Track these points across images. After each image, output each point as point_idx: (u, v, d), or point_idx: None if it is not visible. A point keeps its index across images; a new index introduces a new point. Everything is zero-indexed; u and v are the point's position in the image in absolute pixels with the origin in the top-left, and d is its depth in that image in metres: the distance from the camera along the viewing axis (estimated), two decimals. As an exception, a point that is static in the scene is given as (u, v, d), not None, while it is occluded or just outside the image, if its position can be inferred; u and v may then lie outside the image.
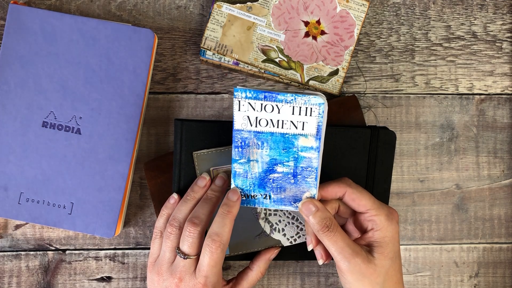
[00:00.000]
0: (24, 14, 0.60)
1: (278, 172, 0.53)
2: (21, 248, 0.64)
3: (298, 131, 0.51)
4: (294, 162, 0.52)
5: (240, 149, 0.52)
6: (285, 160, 0.52)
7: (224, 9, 0.62)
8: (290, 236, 0.58)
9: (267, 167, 0.53)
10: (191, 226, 0.52)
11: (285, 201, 0.53)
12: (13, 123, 0.60)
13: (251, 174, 0.53)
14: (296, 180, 0.53)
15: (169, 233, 0.54)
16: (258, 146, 0.52)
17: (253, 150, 0.52)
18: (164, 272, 0.53)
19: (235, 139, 0.52)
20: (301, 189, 0.53)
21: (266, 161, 0.52)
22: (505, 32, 0.67)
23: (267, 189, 0.53)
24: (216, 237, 0.52)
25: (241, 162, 0.53)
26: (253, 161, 0.53)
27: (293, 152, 0.52)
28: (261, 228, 0.58)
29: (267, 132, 0.52)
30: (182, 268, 0.52)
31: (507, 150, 0.67)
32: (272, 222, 0.58)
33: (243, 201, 0.54)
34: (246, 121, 0.51)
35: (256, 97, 0.50)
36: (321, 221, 0.52)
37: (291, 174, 0.52)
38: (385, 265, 0.52)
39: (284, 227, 0.58)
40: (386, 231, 0.53)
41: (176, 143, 0.57)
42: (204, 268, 0.52)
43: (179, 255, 0.53)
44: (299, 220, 0.58)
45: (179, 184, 0.58)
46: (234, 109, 0.51)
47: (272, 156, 0.52)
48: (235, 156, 0.53)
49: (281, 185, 0.53)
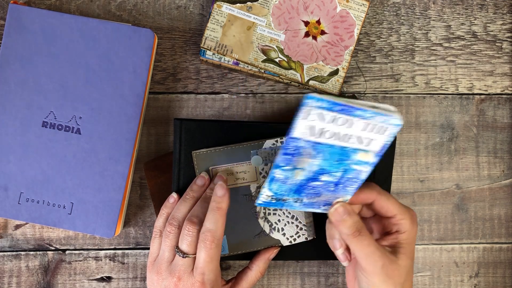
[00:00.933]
0: (24, 14, 0.60)
1: (321, 180, 0.48)
2: (21, 248, 0.64)
3: (361, 146, 0.47)
4: (343, 173, 0.48)
5: (290, 156, 0.46)
6: (334, 170, 0.48)
7: (224, 9, 0.62)
8: (289, 235, 0.58)
9: (312, 176, 0.48)
10: (189, 225, 0.53)
11: (315, 205, 0.52)
12: (13, 123, 0.60)
13: (291, 180, 0.48)
14: (336, 188, 0.50)
15: (168, 232, 0.54)
16: (310, 155, 0.46)
17: (303, 159, 0.46)
18: (163, 271, 0.54)
19: (287, 146, 0.45)
20: (336, 195, 0.51)
21: (313, 170, 0.47)
22: (505, 32, 0.67)
23: (302, 195, 0.50)
24: (208, 233, 0.52)
25: (285, 169, 0.47)
26: (299, 169, 0.47)
27: (345, 164, 0.47)
28: (260, 228, 0.58)
29: (327, 144, 0.45)
30: (181, 267, 0.53)
31: (507, 150, 0.67)
32: (271, 222, 0.58)
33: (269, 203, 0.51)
34: (308, 130, 0.44)
35: (331, 109, 0.43)
36: (353, 226, 0.51)
37: (334, 183, 0.49)
38: (407, 266, 0.53)
39: (283, 226, 0.58)
40: (410, 234, 0.54)
41: (176, 143, 0.57)
42: (201, 265, 0.52)
43: (178, 254, 0.53)
44: (298, 220, 0.58)
45: (179, 184, 0.58)
46: (299, 117, 0.43)
47: (322, 166, 0.47)
48: (280, 163, 0.46)
49: (319, 191, 0.50)
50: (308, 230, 0.58)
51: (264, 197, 0.50)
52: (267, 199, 0.50)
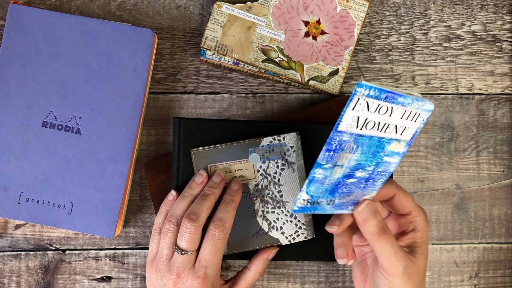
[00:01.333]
0: (24, 14, 0.60)
1: (356, 177, 0.47)
2: (21, 248, 0.64)
3: (396, 136, 0.46)
4: (375, 166, 0.47)
5: (332, 153, 0.44)
6: (368, 164, 0.47)
7: (224, 9, 0.62)
8: (288, 234, 0.58)
9: (348, 172, 0.46)
10: (188, 221, 0.53)
11: (344, 205, 0.50)
12: (13, 123, 0.60)
13: (329, 180, 0.46)
14: (366, 185, 0.48)
15: (166, 229, 0.54)
16: (351, 150, 0.45)
17: (344, 155, 0.45)
18: (162, 269, 0.54)
19: (331, 142, 0.44)
20: (364, 192, 0.49)
21: (351, 166, 0.46)
22: (505, 32, 0.67)
23: (336, 195, 0.48)
24: (219, 222, 0.53)
25: (326, 168, 0.45)
26: (339, 166, 0.46)
27: (379, 156, 0.46)
28: (259, 226, 0.58)
29: (367, 136, 0.45)
30: (180, 264, 0.53)
31: (507, 150, 0.67)
32: (270, 220, 0.58)
33: (305, 208, 0.48)
34: (354, 122, 0.43)
35: (378, 97, 0.42)
36: (378, 225, 0.50)
37: (365, 178, 0.48)
38: (424, 265, 0.53)
39: (282, 225, 0.58)
40: (424, 232, 0.54)
41: (175, 141, 0.58)
42: (206, 257, 0.52)
43: (176, 251, 0.53)
44: (297, 218, 0.58)
45: (178, 181, 0.58)
46: (349, 106, 0.42)
47: (359, 161, 0.46)
48: (321, 161, 0.44)
49: (351, 189, 0.48)
50: (308, 229, 0.58)
51: (300, 202, 0.47)
52: (303, 204, 0.47)
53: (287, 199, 0.58)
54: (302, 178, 0.58)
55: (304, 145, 0.59)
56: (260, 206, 0.58)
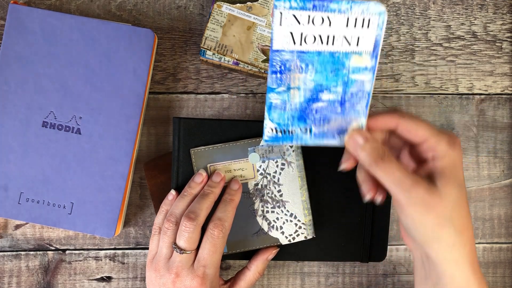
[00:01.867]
0: (24, 14, 0.60)
1: (323, 100, 0.45)
2: (21, 248, 0.64)
3: (351, 48, 0.43)
4: (343, 87, 0.44)
5: (279, 74, 0.44)
6: (332, 85, 0.44)
7: (224, 9, 0.62)
8: (288, 234, 0.58)
9: (310, 95, 0.45)
10: (187, 221, 0.53)
11: (328, 134, 0.46)
12: (13, 123, 0.60)
13: (290, 105, 0.45)
14: (343, 109, 0.45)
15: (166, 228, 0.54)
16: (301, 69, 0.44)
17: (294, 75, 0.44)
18: (161, 268, 0.54)
19: (273, 63, 0.43)
20: (347, 119, 0.46)
21: (310, 88, 0.44)
22: (505, 32, 0.67)
23: (308, 122, 0.46)
24: (218, 221, 0.53)
25: (279, 91, 0.44)
26: (294, 88, 0.45)
27: (342, 75, 0.44)
28: (258, 226, 0.58)
29: (313, 52, 0.43)
30: (179, 263, 0.53)
31: (507, 150, 0.67)
32: (270, 220, 0.58)
33: (276, 138, 0.46)
34: (288, 38, 0.42)
35: (303, 7, 0.41)
36: (372, 152, 0.45)
37: (338, 101, 0.45)
38: (452, 194, 0.45)
39: (282, 224, 0.58)
40: (449, 158, 0.46)
41: (174, 141, 0.58)
42: (205, 256, 0.52)
43: (175, 250, 0.53)
44: (297, 218, 0.58)
45: (178, 181, 0.58)
46: (274, 23, 0.42)
47: (318, 82, 0.44)
48: (271, 84, 0.44)
49: (326, 115, 0.45)
50: (308, 228, 0.58)
51: (268, 130, 0.46)
52: (272, 133, 0.46)
53: (287, 198, 0.58)
54: (302, 178, 0.58)
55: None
56: (260, 205, 0.58)
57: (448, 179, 0.45)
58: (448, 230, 0.45)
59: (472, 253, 0.46)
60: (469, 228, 0.46)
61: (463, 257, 0.45)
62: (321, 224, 0.60)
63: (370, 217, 0.61)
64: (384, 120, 0.47)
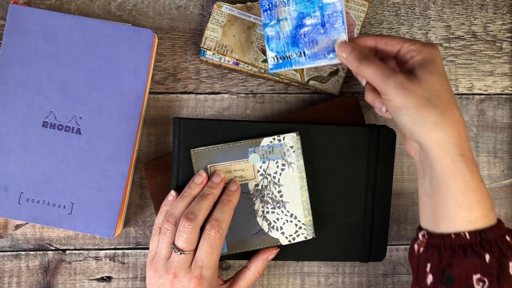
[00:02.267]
0: (24, 14, 0.60)
1: (307, 25, 0.55)
2: (21, 248, 0.64)
3: None
4: (320, 11, 0.54)
5: (269, 11, 0.56)
6: (311, 11, 0.55)
7: (224, 9, 0.62)
8: (288, 234, 0.58)
9: (297, 23, 0.55)
10: (185, 221, 0.53)
11: (320, 54, 0.55)
12: (13, 123, 0.60)
13: (283, 34, 0.56)
14: (325, 29, 0.54)
15: (165, 229, 0.54)
16: (284, 3, 0.55)
17: (280, 9, 0.55)
18: (160, 269, 0.54)
19: (263, 3, 0.56)
20: (331, 37, 0.54)
21: (295, 17, 0.55)
22: (505, 32, 0.67)
23: (300, 46, 0.55)
24: (215, 222, 0.53)
25: (272, 25, 0.56)
26: (283, 20, 0.55)
27: (317, 2, 0.54)
28: (259, 226, 0.58)
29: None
30: (177, 264, 0.53)
31: (507, 150, 0.67)
32: (270, 220, 0.58)
33: (279, 64, 0.56)
34: None
35: None
36: (358, 55, 0.51)
37: (320, 24, 0.54)
38: (430, 79, 0.49)
39: (282, 225, 0.58)
40: (425, 53, 0.51)
41: (174, 141, 0.58)
42: (202, 257, 0.53)
43: (174, 250, 0.53)
44: (297, 219, 0.58)
45: (177, 182, 0.58)
46: None
47: (299, 10, 0.55)
48: (265, 20, 0.56)
49: (313, 37, 0.55)
50: (308, 229, 0.58)
51: (271, 60, 0.57)
52: (275, 61, 0.56)
53: (287, 199, 0.58)
54: (302, 178, 0.58)
55: (304, 145, 0.59)
56: (260, 206, 0.58)
57: (426, 68, 0.49)
58: (430, 110, 0.48)
59: (459, 136, 0.48)
60: (453, 112, 0.48)
61: (448, 135, 0.48)
62: (321, 224, 0.60)
63: (370, 217, 0.61)
64: (363, 40, 0.54)
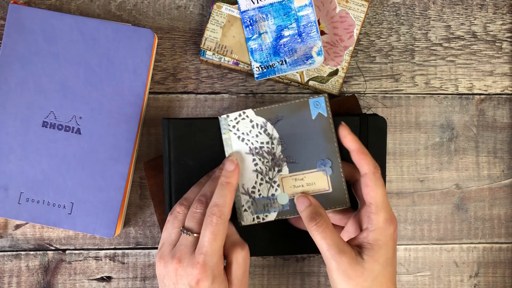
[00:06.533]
0: (24, 14, 0.60)
1: (286, 36, 0.60)
2: (21, 248, 0.64)
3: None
4: (296, 22, 0.60)
5: (251, 27, 0.61)
6: (288, 23, 0.60)
7: (223, 10, 0.62)
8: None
9: (276, 35, 0.60)
10: (197, 203, 0.52)
11: (299, 61, 0.60)
12: (13, 123, 0.60)
13: (265, 45, 0.61)
14: (302, 38, 0.60)
15: (177, 212, 0.53)
16: (263, 19, 0.60)
17: (260, 24, 0.60)
18: (166, 255, 0.51)
19: (244, 20, 0.61)
20: (308, 45, 0.60)
21: (274, 30, 0.60)
22: (505, 32, 0.67)
23: (281, 55, 0.61)
24: (215, 208, 0.51)
25: (254, 38, 0.61)
26: (264, 33, 0.61)
27: (292, 15, 0.60)
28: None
29: (268, 5, 0.60)
30: (184, 247, 0.51)
31: (507, 150, 0.67)
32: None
33: (264, 73, 0.61)
34: (249, 1, 0.60)
35: None
36: (310, 215, 0.51)
37: (297, 34, 0.60)
38: (374, 270, 0.50)
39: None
40: (380, 234, 0.50)
41: (164, 142, 0.57)
42: (204, 244, 0.50)
43: (182, 232, 0.51)
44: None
45: (170, 183, 0.57)
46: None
47: (278, 24, 0.60)
48: (247, 35, 0.61)
49: (292, 46, 0.60)
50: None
51: (256, 69, 0.61)
52: (259, 71, 0.61)
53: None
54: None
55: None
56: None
57: (374, 254, 0.50)
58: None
59: None
60: None
61: None
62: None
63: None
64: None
